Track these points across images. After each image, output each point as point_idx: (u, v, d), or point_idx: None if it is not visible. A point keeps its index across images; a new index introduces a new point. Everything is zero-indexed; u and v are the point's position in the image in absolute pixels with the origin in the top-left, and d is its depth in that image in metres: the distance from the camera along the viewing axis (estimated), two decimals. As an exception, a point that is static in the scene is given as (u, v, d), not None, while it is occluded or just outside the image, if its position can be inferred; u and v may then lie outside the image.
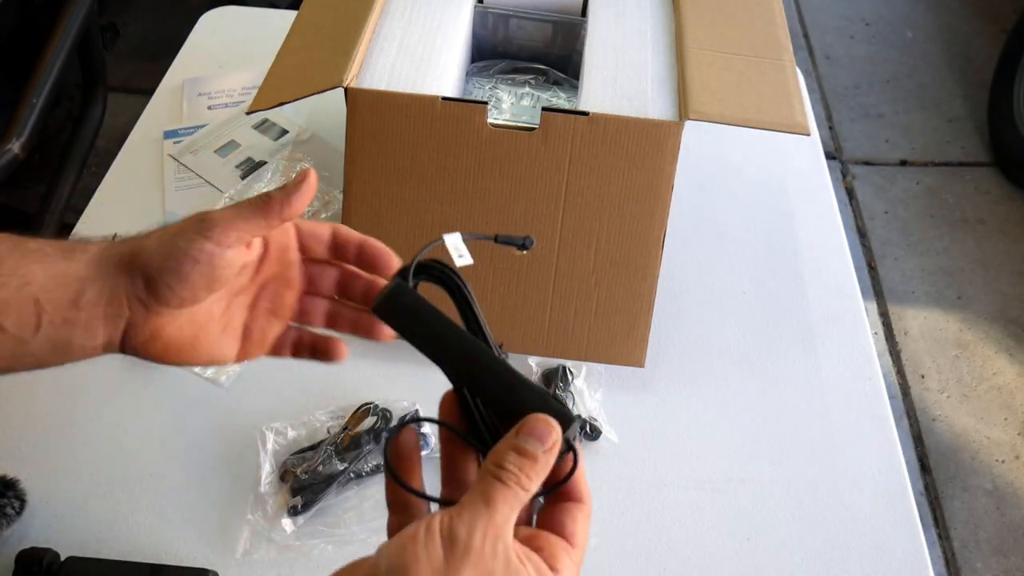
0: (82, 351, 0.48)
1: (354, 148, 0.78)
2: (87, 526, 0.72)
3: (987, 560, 1.66)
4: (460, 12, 0.88)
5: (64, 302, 0.46)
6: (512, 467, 0.38)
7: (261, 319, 0.52)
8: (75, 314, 0.46)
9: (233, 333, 0.51)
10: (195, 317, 0.49)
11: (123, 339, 0.48)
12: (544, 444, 0.39)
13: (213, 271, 0.47)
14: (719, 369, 0.87)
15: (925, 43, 2.83)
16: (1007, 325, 2.04)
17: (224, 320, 0.51)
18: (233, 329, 0.51)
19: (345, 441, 0.76)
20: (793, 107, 0.78)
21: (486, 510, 0.37)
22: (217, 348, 0.51)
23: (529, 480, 0.38)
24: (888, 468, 0.81)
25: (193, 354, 0.50)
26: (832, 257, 0.99)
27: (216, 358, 0.51)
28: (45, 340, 0.46)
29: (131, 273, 0.47)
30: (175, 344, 0.49)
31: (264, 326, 0.52)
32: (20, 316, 0.45)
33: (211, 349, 0.50)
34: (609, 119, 0.76)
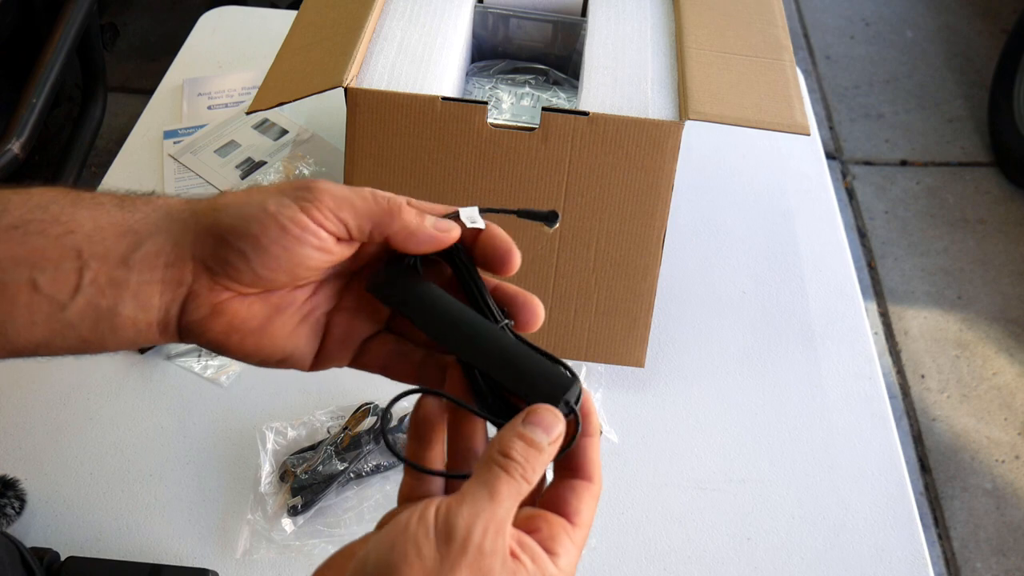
0: (132, 326, 0.38)
1: (354, 148, 0.78)
2: (87, 526, 0.72)
3: (987, 560, 1.66)
4: (460, 12, 0.88)
5: (113, 257, 0.37)
6: (519, 457, 0.35)
7: (348, 314, 0.43)
8: (124, 273, 0.37)
9: (314, 326, 0.42)
10: (269, 296, 0.40)
11: (180, 314, 0.39)
12: (550, 435, 0.36)
13: (301, 252, 0.38)
14: (719, 369, 0.87)
15: (925, 43, 2.83)
16: (1007, 325, 2.04)
17: (307, 307, 0.42)
18: (315, 321, 0.42)
19: (345, 441, 0.76)
20: (793, 107, 0.78)
21: (490, 504, 0.34)
22: (292, 341, 0.41)
23: (534, 472, 0.36)
24: (888, 468, 0.81)
25: (261, 343, 0.40)
26: (832, 257, 0.99)
27: (288, 355, 0.42)
28: (86, 305, 0.37)
29: (200, 231, 0.38)
30: (241, 326, 0.40)
31: (351, 324, 0.42)
32: (58, 271, 0.37)
33: (285, 341, 0.41)
34: (609, 119, 0.76)
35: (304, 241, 0.38)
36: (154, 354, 0.85)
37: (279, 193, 0.39)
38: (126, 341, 0.39)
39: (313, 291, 0.42)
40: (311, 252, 0.38)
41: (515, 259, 0.41)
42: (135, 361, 0.84)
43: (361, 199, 0.39)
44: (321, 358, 0.42)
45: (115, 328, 0.38)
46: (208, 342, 0.40)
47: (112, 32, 2.23)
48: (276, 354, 0.41)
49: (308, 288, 0.41)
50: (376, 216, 0.39)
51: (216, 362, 0.84)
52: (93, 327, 0.38)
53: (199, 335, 0.39)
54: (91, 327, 0.38)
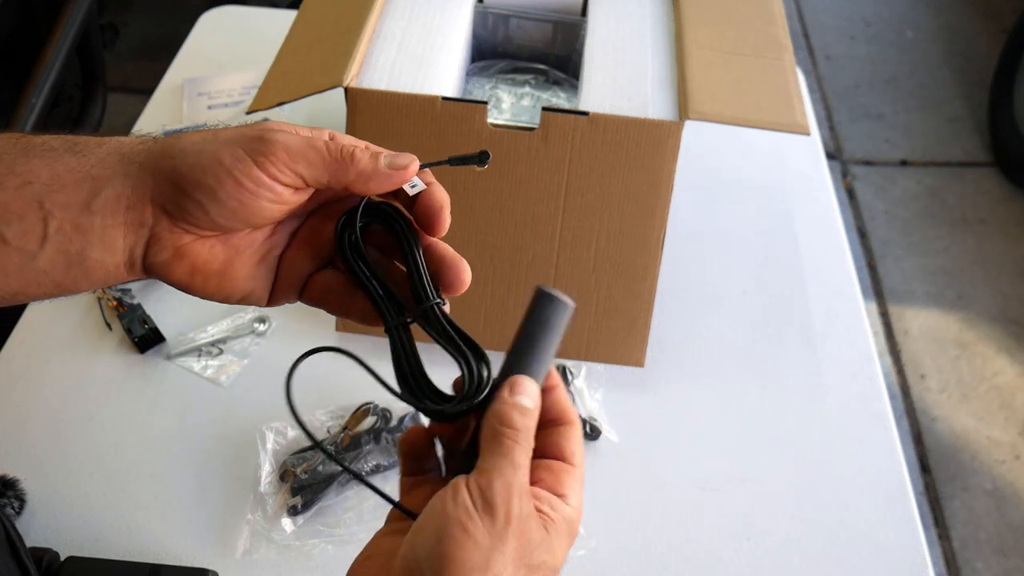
0: (101, 269, 0.40)
1: (354, 148, 0.78)
2: (87, 526, 0.72)
3: (987, 560, 1.66)
4: (460, 12, 0.88)
5: (74, 204, 0.38)
6: (520, 424, 0.38)
7: (297, 252, 0.44)
8: (88, 219, 0.38)
9: (271, 264, 0.44)
10: (230, 238, 0.42)
11: (145, 255, 0.40)
12: (534, 400, 0.39)
13: (256, 204, 0.39)
14: (719, 369, 0.87)
15: (925, 43, 2.83)
16: (1007, 325, 2.04)
17: (265, 247, 0.43)
18: (271, 260, 0.44)
19: (345, 441, 0.76)
20: (793, 107, 0.78)
21: (514, 472, 0.36)
22: (250, 281, 0.43)
23: (531, 434, 0.38)
24: (888, 468, 0.81)
25: (223, 284, 0.42)
26: (832, 257, 0.99)
27: (248, 293, 0.43)
28: (56, 252, 0.38)
29: (157, 176, 0.39)
30: (203, 268, 0.41)
31: (298, 261, 0.44)
32: (23, 223, 0.37)
33: (244, 282, 0.43)
34: (609, 119, 0.76)
35: (259, 195, 0.39)
36: (154, 354, 0.85)
37: (233, 143, 0.39)
38: (98, 281, 0.40)
39: (271, 232, 0.43)
40: (266, 204, 0.40)
41: (446, 219, 0.43)
42: (135, 361, 0.84)
43: (315, 151, 0.40)
44: (275, 295, 0.44)
45: (86, 271, 0.39)
46: (173, 282, 0.41)
47: (112, 32, 2.23)
48: (237, 293, 0.43)
49: (267, 229, 0.43)
50: (332, 167, 0.40)
51: (216, 362, 0.84)
52: (65, 272, 0.39)
53: (164, 275, 0.41)
54: (63, 272, 0.39)
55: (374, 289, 0.43)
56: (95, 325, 0.87)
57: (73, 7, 1.29)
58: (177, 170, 0.39)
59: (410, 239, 0.43)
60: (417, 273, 0.43)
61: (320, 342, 0.86)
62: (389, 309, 0.43)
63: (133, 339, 0.84)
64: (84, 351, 0.85)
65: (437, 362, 0.43)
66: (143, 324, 0.84)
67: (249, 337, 0.87)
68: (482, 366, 0.41)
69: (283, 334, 0.87)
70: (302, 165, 0.40)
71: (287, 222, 0.44)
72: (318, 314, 0.88)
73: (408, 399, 0.42)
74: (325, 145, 0.40)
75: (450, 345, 0.41)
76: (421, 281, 0.43)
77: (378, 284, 0.43)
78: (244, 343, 0.86)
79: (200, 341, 0.85)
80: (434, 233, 0.43)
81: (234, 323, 0.87)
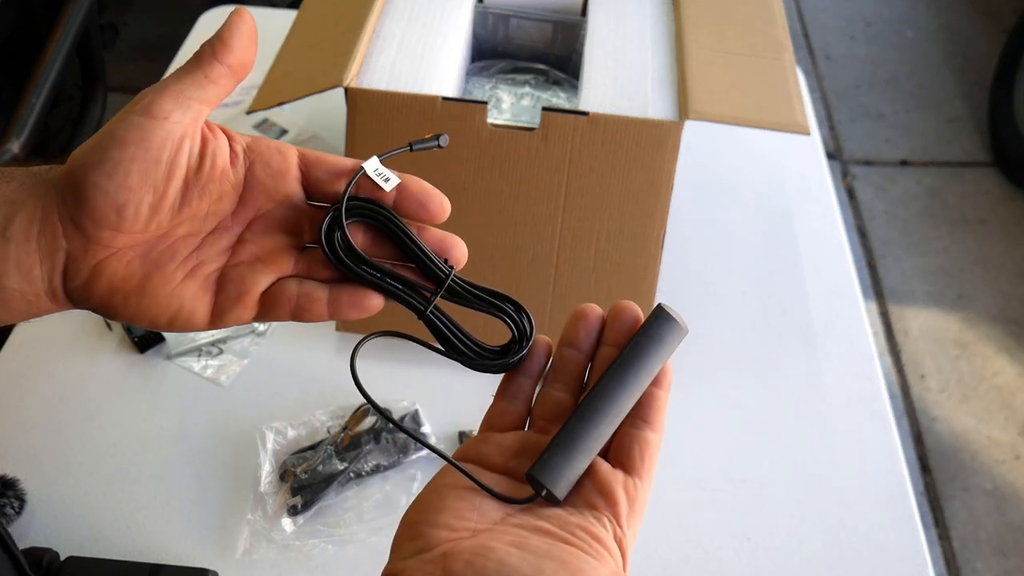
0: (22, 299, 0.38)
1: (354, 148, 0.78)
2: (87, 526, 0.72)
3: (987, 560, 1.66)
4: (460, 12, 0.88)
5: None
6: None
7: (243, 267, 0.41)
8: (3, 247, 0.37)
9: (203, 282, 0.41)
10: (149, 252, 0.39)
11: (64, 281, 0.39)
12: None
13: (148, 153, 0.37)
14: (719, 369, 0.87)
15: (925, 43, 2.83)
16: (1007, 325, 2.04)
17: (190, 263, 0.40)
18: (203, 276, 0.41)
19: (345, 441, 0.76)
20: (793, 107, 0.78)
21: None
22: (178, 298, 0.40)
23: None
24: (888, 468, 0.81)
25: (143, 303, 0.39)
26: (832, 257, 0.99)
27: (180, 314, 0.40)
28: None
29: (59, 184, 0.37)
30: (121, 286, 0.39)
31: (247, 275, 0.41)
32: None
33: (170, 299, 0.40)
34: (609, 119, 0.76)
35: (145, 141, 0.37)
36: (154, 354, 0.85)
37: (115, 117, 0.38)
38: (19, 312, 0.39)
39: (197, 245, 0.41)
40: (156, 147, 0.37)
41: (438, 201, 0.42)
42: (135, 361, 0.84)
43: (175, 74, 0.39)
44: (217, 315, 0.41)
45: (4, 301, 0.38)
46: (95, 307, 0.40)
47: (112, 32, 2.23)
48: (162, 314, 0.40)
49: (190, 242, 0.40)
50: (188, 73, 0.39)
51: (216, 362, 0.84)
52: None
53: (85, 300, 0.39)
54: None
55: (392, 287, 0.42)
56: (95, 325, 0.87)
57: (73, 7, 1.29)
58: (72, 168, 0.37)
59: (398, 222, 0.42)
60: (422, 251, 0.42)
61: (320, 342, 0.87)
62: (416, 298, 0.43)
63: (133, 339, 0.84)
64: (84, 351, 0.85)
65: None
66: (143, 324, 0.85)
67: (249, 337, 0.87)
68: (521, 314, 0.43)
69: (283, 334, 0.87)
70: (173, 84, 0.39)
71: (218, 237, 0.41)
72: (318, 314, 0.88)
73: (476, 367, 0.43)
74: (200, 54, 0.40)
75: (486, 305, 0.43)
76: (429, 258, 0.43)
77: (394, 280, 0.43)
78: (244, 343, 0.86)
79: (200, 341, 0.85)
80: (433, 219, 0.42)
81: (234, 323, 0.87)
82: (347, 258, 0.42)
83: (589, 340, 0.43)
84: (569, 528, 0.38)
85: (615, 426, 0.41)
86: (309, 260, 0.42)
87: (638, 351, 0.41)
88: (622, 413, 0.41)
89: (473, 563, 0.35)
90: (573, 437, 0.40)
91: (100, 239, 0.38)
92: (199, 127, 0.40)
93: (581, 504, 0.39)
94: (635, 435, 0.40)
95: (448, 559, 0.36)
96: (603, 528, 0.38)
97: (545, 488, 0.39)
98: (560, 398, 0.43)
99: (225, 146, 0.40)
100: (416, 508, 0.40)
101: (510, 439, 0.42)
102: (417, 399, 0.79)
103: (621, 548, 0.38)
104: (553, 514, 0.39)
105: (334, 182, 0.42)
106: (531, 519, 0.38)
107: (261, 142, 0.42)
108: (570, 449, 0.39)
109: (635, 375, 0.41)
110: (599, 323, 0.43)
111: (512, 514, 0.39)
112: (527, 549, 0.36)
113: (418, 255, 0.42)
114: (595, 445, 0.40)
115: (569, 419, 0.40)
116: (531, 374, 0.44)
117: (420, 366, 0.42)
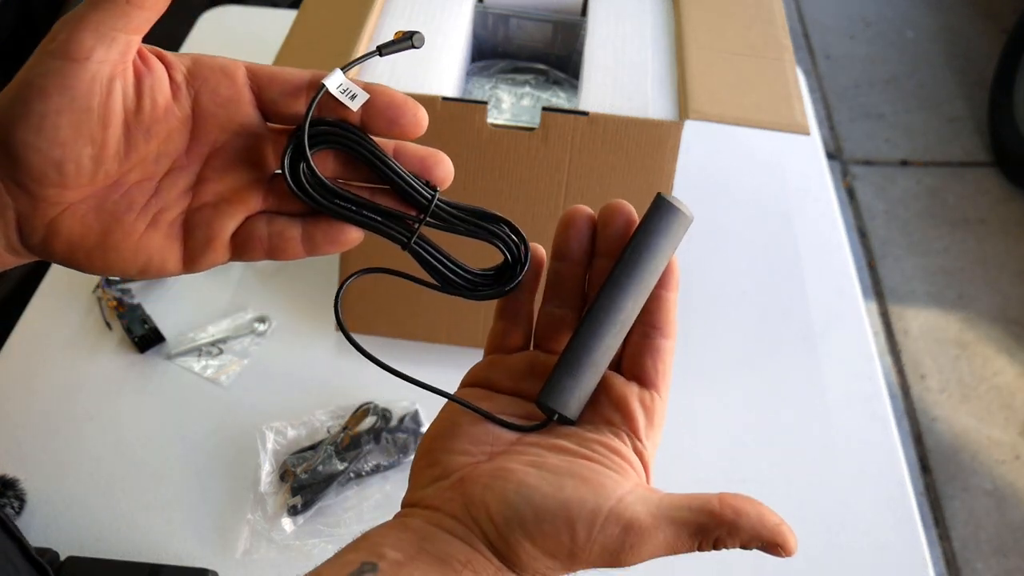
0: None
1: (354, 148, 0.78)
2: (87, 526, 0.72)
3: (987, 560, 1.66)
4: (460, 12, 0.88)
5: None
6: None
7: (208, 209, 0.38)
8: None
9: (168, 229, 0.38)
10: (102, 204, 0.36)
11: (21, 238, 0.36)
12: None
13: (75, 102, 0.33)
14: (719, 369, 0.87)
15: (925, 43, 2.83)
16: (1007, 325, 2.04)
17: (150, 210, 0.37)
18: (167, 223, 0.38)
19: (345, 441, 0.76)
20: (793, 107, 0.78)
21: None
22: (145, 249, 0.37)
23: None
24: (888, 468, 0.81)
25: (108, 257, 0.37)
26: (832, 257, 0.99)
27: (151, 265, 0.38)
28: None
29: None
30: (81, 243, 0.36)
31: (212, 219, 0.38)
32: None
33: (136, 252, 0.37)
34: (609, 119, 0.76)
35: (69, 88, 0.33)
36: (154, 354, 0.85)
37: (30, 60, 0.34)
38: None
39: (154, 191, 0.37)
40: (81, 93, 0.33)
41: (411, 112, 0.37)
42: (135, 361, 0.84)
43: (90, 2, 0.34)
44: (189, 261, 0.39)
45: None
46: (60, 262, 0.37)
47: (112, 32, 2.22)
48: (130, 267, 0.38)
49: (146, 187, 0.37)
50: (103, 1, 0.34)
51: (216, 362, 0.84)
52: None
53: (48, 256, 0.37)
54: None
55: (370, 219, 0.39)
56: (95, 325, 0.87)
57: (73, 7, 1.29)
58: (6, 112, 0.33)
59: (370, 145, 0.38)
60: (399, 175, 0.38)
61: (320, 342, 0.86)
62: (398, 228, 0.39)
63: (133, 339, 0.84)
64: (84, 351, 0.85)
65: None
66: (143, 324, 0.85)
67: (249, 337, 0.87)
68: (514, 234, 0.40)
69: (283, 334, 0.87)
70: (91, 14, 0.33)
71: (173, 175, 0.38)
72: (318, 314, 0.89)
73: (468, 295, 0.41)
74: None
75: (475, 228, 0.40)
76: (408, 182, 0.38)
77: (371, 212, 0.39)
78: (244, 343, 0.86)
79: (200, 341, 0.85)
80: (406, 133, 0.38)
81: (234, 323, 0.87)
82: (316, 193, 0.38)
83: (582, 248, 0.40)
84: (587, 444, 0.37)
85: (622, 337, 0.39)
86: (279, 192, 0.39)
87: (639, 251, 0.38)
88: (628, 322, 0.38)
89: (492, 486, 0.35)
90: (579, 355, 0.38)
91: (46, 196, 0.35)
92: (129, 62, 0.35)
93: (598, 420, 0.38)
94: (646, 344, 0.39)
95: (466, 484, 0.36)
96: (622, 442, 0.37)
97: (556, 412, 0.38)
98: (560, 314, 0.41)
99: (164, 78, 0.36)
100: (431, 436, 0.39)
101: (517, 360, 0.41)
102: (417, 399, 0.79)
103: (643, 460, 0.37)
104: (571, 431, 0.38)
105: (293, 101, 0.38)
106: (548, 438, 0.38)
107: (203, 65, 0.37)
108: (577, 368, 0.38)
109: (638, 279, 0.38)
110: (590, 228, 0.40)
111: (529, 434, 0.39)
112: (546, 468, 0.35)
113: (396, 180, 0.38)
114: (603, 360, 0.38)
115: (573, 337, 0.38)
116: (527, 290, 0.42)
117: (420, 366, 0.42)
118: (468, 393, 0.41)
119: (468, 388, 0.41)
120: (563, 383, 0.38)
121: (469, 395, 0.41)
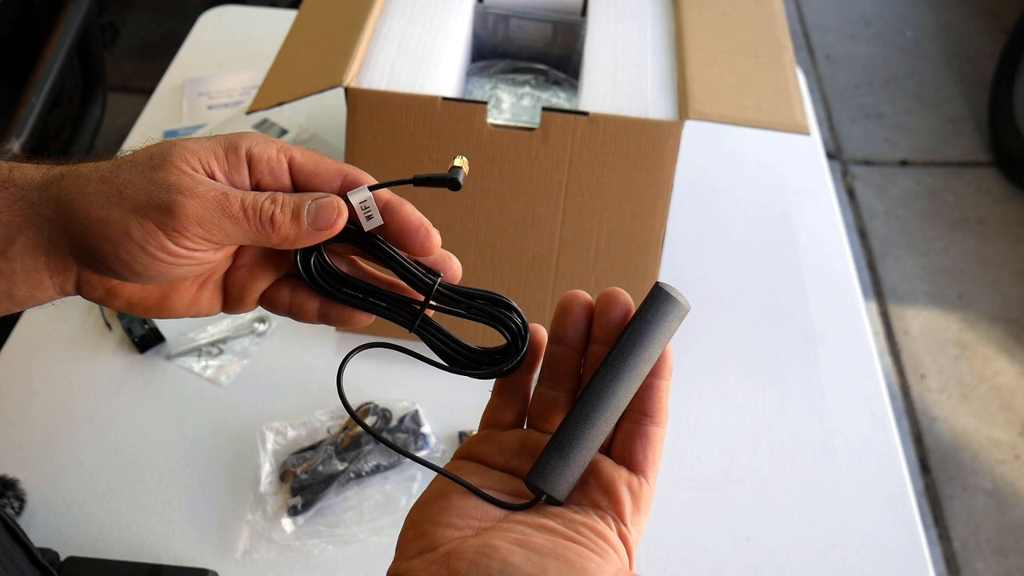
0: (34, 300, 0.40)
1: (354, 148, 0.78)
2: (87, 526, 0.72)
3: (987, 560, 1.66)
4: (460, 12, 0.88)
5: None
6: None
7: (243, 271, 0.43)
8: (7, 265, 0.38)
9: (213, 288, 0.43)
10: None
11: (78, 290, 0.40)
12: None
13: (177, 272, 0.39)
14: (719, 369, 0.87)
15: (925, 43, 2.83)
16: (1007, 325, 2.04)
17: (203, 277, 0.43)
18: (214, 284, 0.43)
19: (345, 441, 0.76)
20: (793, 107, 0.78)
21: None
22: (195, 304, 0.43)
23: None
24: (888, 468, 0.81)
25: (163, 313, 0.43)
26: (832, 257, 0.99)
27: (199, 312, 0.44)
28: None
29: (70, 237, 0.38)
30: (140, 303, 0.42)
31: (246, 281, 0.43)
32: None
33: (186, 308, 0.43)
34: (609, 119, 0.76)
35: (178, 265, 0.39)
36: (154, 354, 0.85)
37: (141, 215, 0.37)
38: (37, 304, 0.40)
39: None
40: (188, 270, 0.39)
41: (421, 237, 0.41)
42: (135, 361, 0.84)
43: (231, 220, 0.38)
44: (228, 309, 0.44)
45: (19, 303, 0.39)
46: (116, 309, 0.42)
47: (112, 32, 2.23)
48: (183, 316, 0.43)
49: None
50: (250, 235, 0.39)
51: (216, 362, 0.84)
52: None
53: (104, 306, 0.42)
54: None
55: (377, 306, 0.42)
56: (95, 325, 0.87)
57: (73, 7, 1.29)
58: (87, 241, 0.38)
59: (376, 241, 0.41)
60: (403, 266, 0.41)
61: (320, 342, 0.87)
62: (403, 314, 0.42)
63: (133, 339, 0.84)
64: (84, 351, 0.85)
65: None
66: (143, 324, 0.85)
67: (249, 337, 0.87)
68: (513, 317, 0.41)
69: (283, 334, 0.87)
70: (218, 235, 0.38)
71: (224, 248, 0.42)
72: (318, 314, 0.88)
73: (474, 375, 0.42)
74: (242, 210, 0.38)
75: (477, 312, 0.42)
76: (413, 271, 0.41)
77: (379, 299, 0.42)
78: (244, 343, 0.86)
79: (200, 341, 0.85)
80: (417, 254, 0.42)
81: (234, 323, 0.87)
82: (324, 283, 0.42)
83: (578, 333, 0.42)
84: (573, 526, 0.38)
85: (614, 422, 0.40)
86: None
87: (635, 339, 0.39)
88: (621, 408, 0.40)
89: (477, 563, 0.35)
90: (570, 438, 0.39)
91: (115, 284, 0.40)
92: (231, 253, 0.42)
93: (585, 502, 0.39)
94: (637, 431, 0.40)
95: (452, 559, 0.36)
96: (607, 526, 0.38)
97: (545, 493, 0.39)
98: (554, 396, 0.42)
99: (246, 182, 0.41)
100: (420, 507, 0.40)
101: (510, 437, 0.42)
102: (417, 399, 0.79)
103: (627, 545, 0.38)
104: (558, 512, 0.39)
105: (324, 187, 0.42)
106: (536, 517, 0.38)
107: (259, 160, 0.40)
108: (568, 451, 0.39)
109: (633, 367, 0.39)
110: (587, 314, 0.42)
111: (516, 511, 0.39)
112: (531, 548, 0.36)
113: (400, 271, 0.41)
114: (593, 444, 0.39)
115: (566, 419, 0.40)
116: (525, 370, 0.43)
117: (420, 366, 0.42)
118: (460, 466, 0.42)
119: (460, 460, 0.42)
120: (553, 464, 0.39)
121: (461, 468, 0.41)
